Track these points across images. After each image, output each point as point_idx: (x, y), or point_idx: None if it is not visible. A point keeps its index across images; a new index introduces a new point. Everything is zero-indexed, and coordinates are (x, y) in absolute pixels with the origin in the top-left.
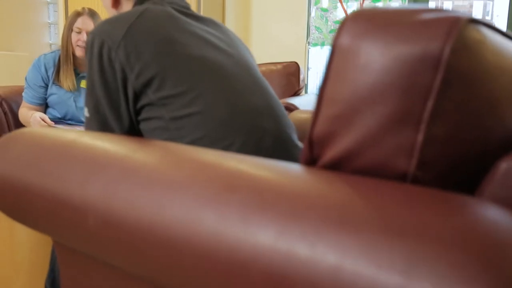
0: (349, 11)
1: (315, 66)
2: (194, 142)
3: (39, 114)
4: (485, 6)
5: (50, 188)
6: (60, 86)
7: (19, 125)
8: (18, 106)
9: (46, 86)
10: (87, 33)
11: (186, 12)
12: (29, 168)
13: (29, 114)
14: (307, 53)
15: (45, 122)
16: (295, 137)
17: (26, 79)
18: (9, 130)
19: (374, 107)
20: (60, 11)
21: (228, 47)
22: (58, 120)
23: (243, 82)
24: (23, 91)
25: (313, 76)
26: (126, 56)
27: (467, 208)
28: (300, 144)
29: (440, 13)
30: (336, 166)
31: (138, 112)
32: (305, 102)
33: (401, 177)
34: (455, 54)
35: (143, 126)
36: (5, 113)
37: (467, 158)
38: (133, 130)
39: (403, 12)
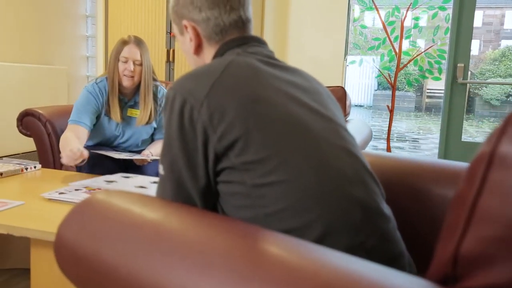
0: (389, 28)
1: (351, 83)
2: (277, 213)
3: (76, 147)
4: None
5: (136, 275)
6: (110, 118)
7: None
8: (62, 127)
9: (97, 113)
10: (134, 62)
11: (271, 62)
12: (110, 246)
13: (68, 141)
14: (344, 70)
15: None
16: (383, 205)
17: (76, 104)
18: (52, 152)
19: None
20: (100, 24)
21: (314, 102)
22: (92, 147)
23: (331, 143)
24: (66, 111)
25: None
26: (209, 117)
27: None
28: (387, 212)
29: None
30: None
31: (217, 173)
32: (356, 131)
33: None
34: None
35: (222, 188)
36: (48, 135)
37: None
38: (209, 191)
39: None
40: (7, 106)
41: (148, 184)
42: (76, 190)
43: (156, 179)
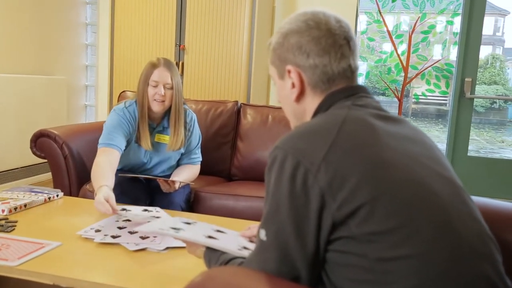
0: (397, 41)
1: None
2: None
3: (103, 194)
4: (496, 22)
5: None
6: (140, 145)
7: (79, 170)
8: (79, 149)
9: (128, 138)
10: (165, 86)
11: (381, 115)
12: None
13: (99, 181)
14: None
15: (109, 203)
16: (505, 275)
17: (107, 126)
18: (69, 176)
19: None
20: (103, 33)
21: (431, 160)
22: (119, 171)
23: (458, 210)
24: (82, 131)
25: None
26: (328, 182)
27: None
28: (510, 284)
29: None
30: None
31: (330, 241)
32: None
33: None
34: None
35: (333, 256)
36: (65, 157)
37: None
38: (317, 261)
39: None
40: (7, 117)
41: (214, 233)
42: (108, 225)
43: (216, 227)
